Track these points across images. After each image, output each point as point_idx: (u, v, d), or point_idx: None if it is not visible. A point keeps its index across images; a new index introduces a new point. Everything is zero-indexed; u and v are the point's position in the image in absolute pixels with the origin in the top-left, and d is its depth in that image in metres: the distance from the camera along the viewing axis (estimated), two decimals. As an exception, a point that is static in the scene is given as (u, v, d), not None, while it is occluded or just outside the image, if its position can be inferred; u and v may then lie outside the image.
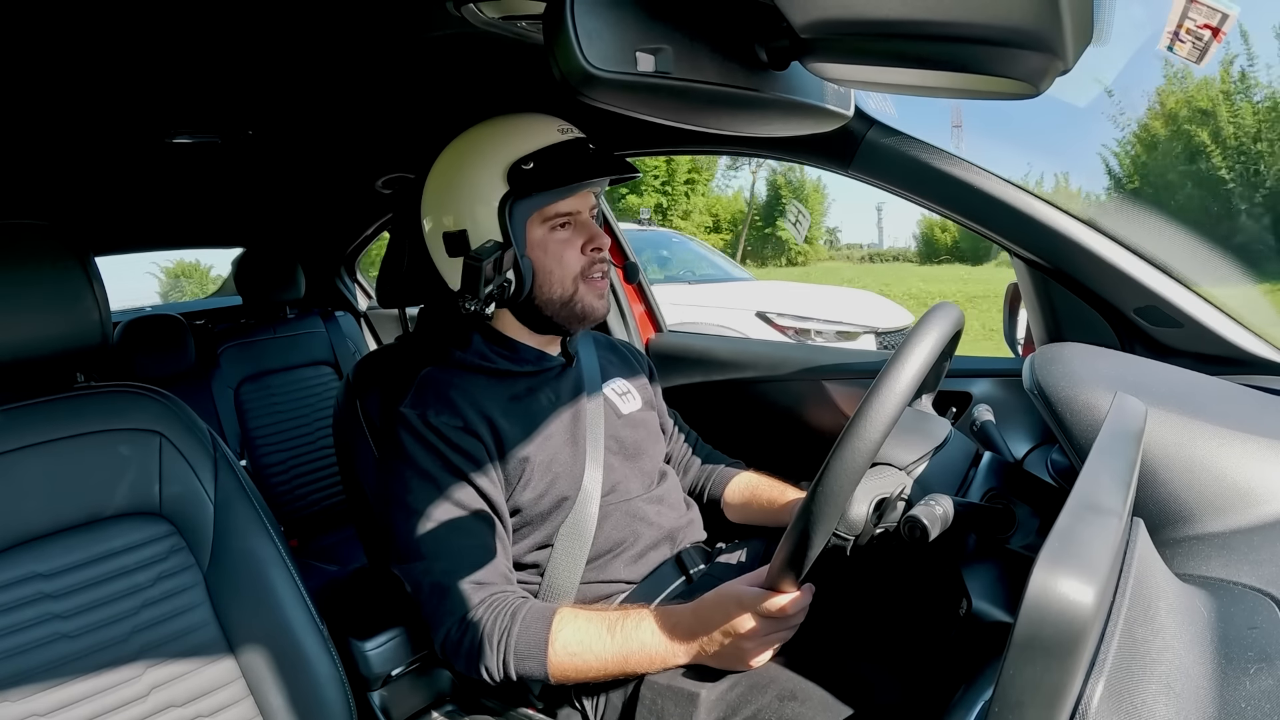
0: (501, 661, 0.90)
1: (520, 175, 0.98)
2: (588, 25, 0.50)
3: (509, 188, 0.98)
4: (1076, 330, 1.11)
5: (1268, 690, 0.44)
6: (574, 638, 0.89)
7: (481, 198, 0.99)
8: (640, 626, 0.89)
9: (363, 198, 2.18)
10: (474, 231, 0.99)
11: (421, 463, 0.97)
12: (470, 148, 1.03)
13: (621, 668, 0.89)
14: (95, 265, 0.91)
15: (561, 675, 0.89)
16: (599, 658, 0.89)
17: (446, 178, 1.03)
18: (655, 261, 5.64)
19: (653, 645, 0.89)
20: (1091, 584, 0.37)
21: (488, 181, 0.99)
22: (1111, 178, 11.38)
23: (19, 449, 0.86)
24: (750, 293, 5.19)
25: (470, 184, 1.00)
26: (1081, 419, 0.73)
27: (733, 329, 4.33)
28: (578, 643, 0.89)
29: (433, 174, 1.05)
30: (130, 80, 1.11)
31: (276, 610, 0.97)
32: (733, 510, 1.25)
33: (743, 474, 1.27)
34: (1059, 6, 0.43)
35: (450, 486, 0.97)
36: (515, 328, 1.09)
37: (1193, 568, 0.61)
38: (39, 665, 0.84)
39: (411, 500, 0.97)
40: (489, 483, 0.99)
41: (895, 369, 0.72)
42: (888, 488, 0.85)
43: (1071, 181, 14.82)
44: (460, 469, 0.97)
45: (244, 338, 2.31)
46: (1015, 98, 0.57)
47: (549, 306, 1.05)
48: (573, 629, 0.90)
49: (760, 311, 4.53)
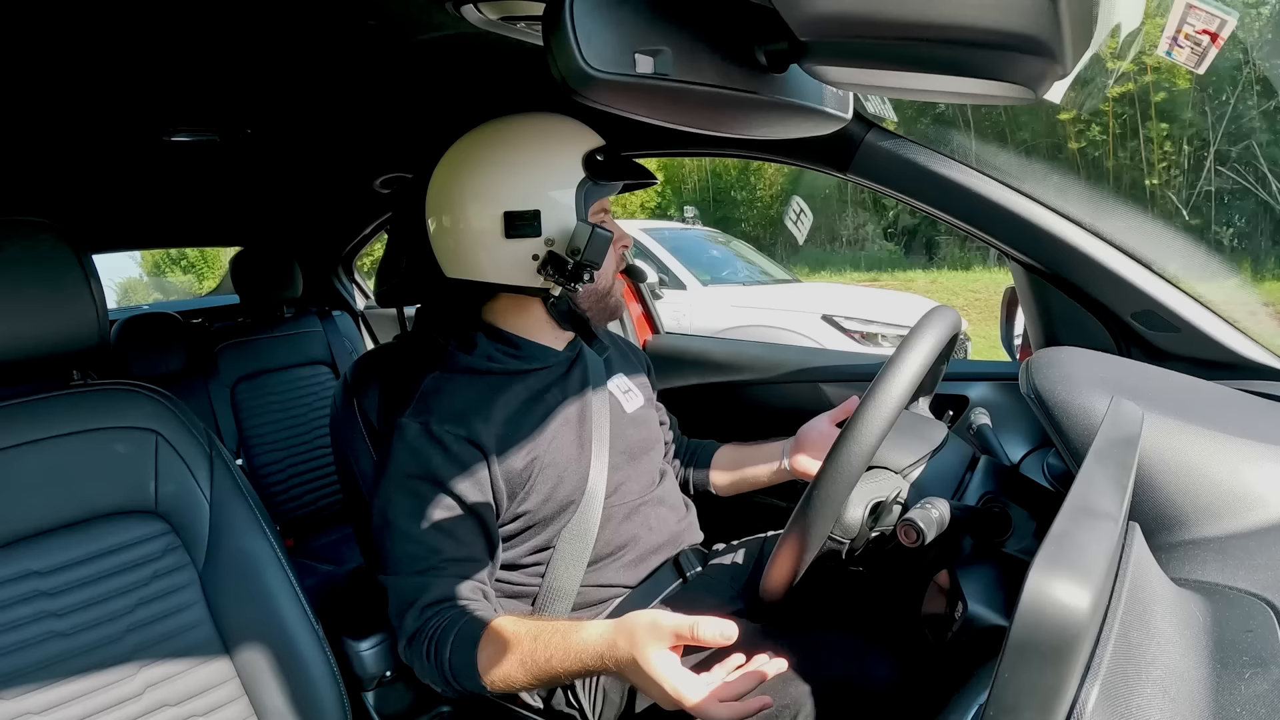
0: (445, 681, 0.89)
1: (594, 164, 1.00)
2: (586, 26, 0.50)
3: (586, 173, 1.00)
4: (1073, 334, 1.11)
5: (1263, 694, 0.44)
6: (497, 653, 0.86)
7: (559, 179, 0.99)
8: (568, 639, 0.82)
9: (361, 198, 2.18)
10: (548, 213, 0.99)
11: (408, 477, 0.97)
12: (536, 132, 1.02)
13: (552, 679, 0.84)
14: (92, 262, 0.91)
15: (500, 688, 0.87)
16: (524, 680, 0.85)
17: (504, 162, 1.00)
18: (705, 262, 5.29)
19: (574, 659, 0.81)
20: (1087, 588, 0.37)
21: (567, 165, 1.00)
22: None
23: (14, 446, 0.86)
24: (809, 295, 5.02)
25: (547, 166, 1.00)
26: (1078, 423, 0.74)
27: (799, 333, 4.22)
28: (502, 678, 0.85)
29: (460, 164, 1.02)
30: (129, 78, 1.10)
31: (272, 610, 0.97)
32: (720, 485, 1.26)
33: (721, 450, 1.28)
34: (1058, 11, 0.43)
35: (430, 504, 0.96)
36: (526, 323, 1.08)
37: (1188, 572, 0.61)
38: (33, 663, 0.84)
39: (391, 513, 0.97)
40: (479, 494, 0.98)
41: (891, 373, 0.72)
42: (884, 491, 0.85)
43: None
44: (450, 484, 0.96)
45: (241, 337, 2.30)
46: (1014, 102, 0.57)
47: (590, 297, 1.06)
48: (494, 648, 0.86)
49: (827, 315, 4.37)
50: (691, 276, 4.77)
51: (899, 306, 4.74)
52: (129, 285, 18.82)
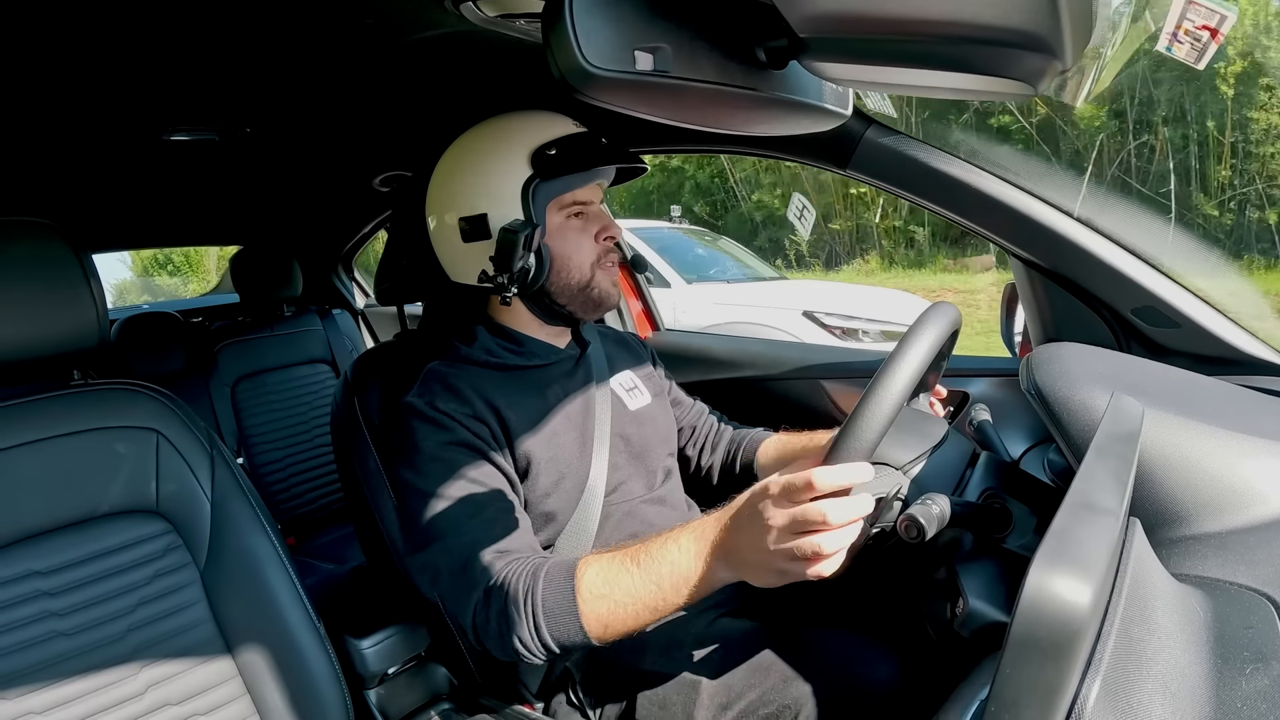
0: (533, 626, 0.82)
1: (544, 159, 0.99)
2: (586, 24, 0.50)
3: (533, 171, 0.99)
4: (1073, 330, 1.11)
5: (1264, 690, 0.44)
6: (599, 579, 0.81)
7: (504, 180, 0.99)
8: (665, 548, 0.80)
9: (360, 196, 2.18)
10: (494, 215, 0.99)
11: (430, 447, 0.95)
12: (489, 135, 1.03)
13: (658, 598, 0.79)
14: (92, 262, 0.91)
15: (599, 624, 0.81)
16: (631, 594, 0.80)
17: (462, 166, 1.03)
18: (691, 260, 5.34)
19: (683, 564, 0.78)
20: (1088, 583, 0.37)
21: (511, 165, 0.99)
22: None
23: (15, 446, 0.86)
24: (792, 292, 5.08)
25: (492, 168, 1.00)
26: (1078, 419, 0.74)
27: (780, 329, 4.25)
28: (604, 583, 0.81)
29: (443, 166, 1.05)
30: (128, 77, 1.10)
31: (273, 608, 0.97)
32: (765, 471, 1.19)
33: (774, 436, 1.23)
34: (1058, 7, 0.43)
35: (463, 465, 0.94)
36: (523, 320, 1.09)
37: (1189, 568, 0.61)
38: (35, 663, 0.84)
39: (425, 484, 0.93)
40: (504, 460, 0.97)
41: (892, 368, 0.72)
42: (885, 487, 0.85)
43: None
44: (473, 446, 0.95)
45: (241, 336, 2.30)
46: (1013, 98, 0.57)
47: (565, 293, 1.05)
48: (596, 570, 0.82)
49: (807, 311, 4.41)
50: (676, 275, 4.81)
51: (880, 302, 4.82)
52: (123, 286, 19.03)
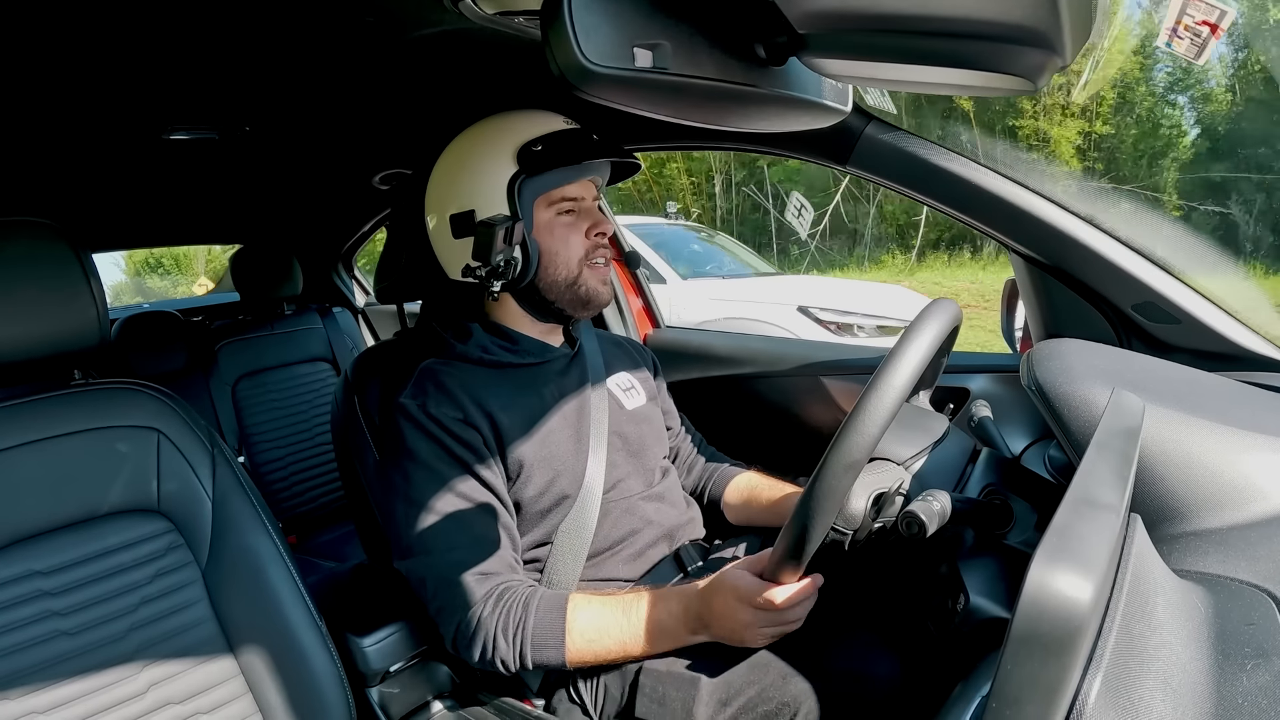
0: (518, 653, 0.91)
1: (530, 155, 1.00)
2: (585, 20, 0.50)
3: (519, 167, 0.99)
4: (1074, 326, 1.11)
5: (1265, 686, 0.44)
6: (591, 624, 0.91)
7: (490, 177, 1.00)
8: (655, 608, 0.91)
9: (360, 194, 2.18)
10: (482, 211, 1.00)
11: (422, 454, 0.97)
12: (481, 134, 1.04)
13: (638, 647, 0.91)
14: (92, 261, 0.91)
15: (579, 657, 0.91)
16: (618, 641, 0.91)
17: (454, 166, 1.04)
18: (687, 256, 5.38)
19: (670, 626, 0.90)
20: (1089, 580, 0.37)
21: (497, 162, 1.00)
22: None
23: (16, 446, 0.86)
24: (788, 287, 5.05)
25: (479, 166, 1.01)
26: (1079, 415, 0.73)
27: (775, 324, 4.25)
28: (595, 629, 0.91)
29: (440, 165, 1.06)
30: (128, 76, 1.10)
31: (275, 607, 0.97)
32: (732, 511, 1.25)
33: (743, 474, 1.27)
34: (1058, 3, 0.43)
35: (452, 478, 0.97)
36: (516, 317, 1.09)
37: (1190, 564, 0.61)
38: (37, 663, 0.84)
39: (414, 493, 0.96)
40: (492, 474, 0.99)
41: (893, 364, 0.72)
42: (886, 483, 0.85)
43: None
44: (462, 459, 0.97)
45: (241, 334, 2.30)
46: (1013, 93, 0.57)
47: (553, 289, 1.05)
48: (588, 615, 0.91)
49: (802, 306, 4.40)
50: (671, 271, 4.81)
51: (875, 297, 4.81)
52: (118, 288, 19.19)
